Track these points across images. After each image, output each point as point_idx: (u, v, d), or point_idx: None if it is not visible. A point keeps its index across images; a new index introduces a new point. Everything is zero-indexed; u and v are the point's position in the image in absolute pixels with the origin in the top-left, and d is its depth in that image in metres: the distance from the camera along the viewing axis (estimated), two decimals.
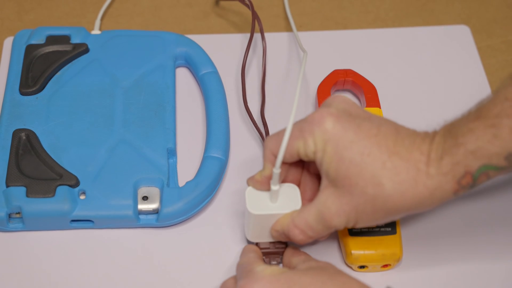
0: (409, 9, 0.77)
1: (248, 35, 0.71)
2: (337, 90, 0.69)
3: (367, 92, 0.66)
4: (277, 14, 0.76)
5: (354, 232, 0.58)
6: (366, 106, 0.66)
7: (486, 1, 0.79)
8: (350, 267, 0.59)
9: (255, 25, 0.70)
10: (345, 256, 0.58)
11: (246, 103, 0.67)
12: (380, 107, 0.65)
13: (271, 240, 0.57)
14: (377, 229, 0.58)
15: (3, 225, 0.59)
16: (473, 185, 0.50)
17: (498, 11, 0.78)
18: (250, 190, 0.55)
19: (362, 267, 0.58)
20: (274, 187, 0.54)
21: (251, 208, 0.54)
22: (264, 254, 0.57)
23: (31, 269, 0.58)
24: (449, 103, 0.69)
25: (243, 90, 0.67)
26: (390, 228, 0.58)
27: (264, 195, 0.55)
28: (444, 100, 0.70)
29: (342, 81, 0.68)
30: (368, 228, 0.58)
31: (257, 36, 0.73)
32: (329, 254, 0.60)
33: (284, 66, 0.71)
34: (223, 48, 0.72)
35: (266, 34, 0.72)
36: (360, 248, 0.57)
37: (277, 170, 0.52)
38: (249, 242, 0.59)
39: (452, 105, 0.69)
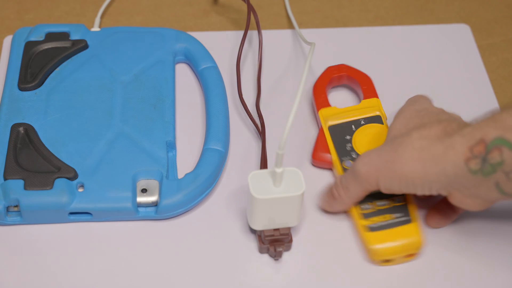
0: (409, 8, 0.78)
1: (247, 31, 0.71)
2: (334, 87, 0.69)
3: (363, 84, 0.66)
4: (277, 12, 0.76)
5: (372, 227, 0.58)
6: (364, 98, 0.65)
7: (486, 0, 0.79)
8: (375, 263, 0.58)
9: (250, 18, 0.70)
10: (368, 252, 0.58)
11: (241, 95, 0.67)
12: (377, 97, 0.65)
13: (276, 227, 0.56)
14: (393, 221, 0.58)
15: (1, 219, 0.59)
16: (484, 159, 0.50)
17: (498, 10, 0.78)
18: (253, 176, 0.55)
19: (386, 261, 0.58)
20: (278, 169, 0.53)
21: (255, 193, 0.54)
22: (270, 242, 0.57)
23: (30, 262, 0.57)
24: (450, 101, 0.69)
25: (238, 82, 0.67)
26: (406, 217, 0.58)
27: (267, 180, 0.55)
28: (446, 97, 0.69)
29: (337, 77, 0.67)
30: (383, 220, 0.58)
31: (259, 31, 0.73)
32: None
33: (283, 61, 0.71)
34: (221, 44, 0.72)
35: (266, 32, 0.73)
36: (380, 242, 0.57)
37: (281, 151, 0.52)
38: (253, 231, 0.59)
39: (453, 102, 0.69)
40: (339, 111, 0.64)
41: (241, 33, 0.73)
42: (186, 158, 0.63)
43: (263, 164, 0.61)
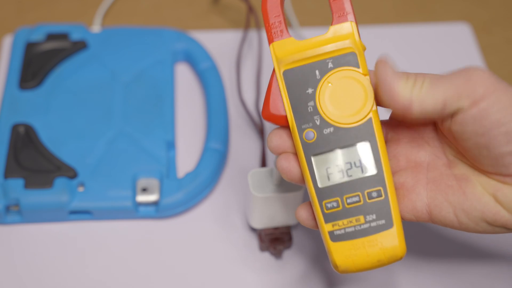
0: (410, 7, 0.78)
1: (247, 30, 0.72)
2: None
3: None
4: None
5: (336, 235, 0.45)
6: (333, 23, 0.46)
7: None
8: None
9: (250, 18, 0.70)
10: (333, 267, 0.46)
11: (241, 95, 0.67)
12: (354, 20, 0.46)
13: (276, 225, 0.56)
14: (365, 227, 0.45)
15: (1, 218, 0.59)
16: None
17: (498, 9, 0.78)
18: (252, 174, 0.55)
19: None
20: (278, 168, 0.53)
21: (255, 191, 0.54)
22: (270, 240, 0.57)
23: (30, 262, 0.57)
24: None
25: (237, 81, 0.68)
26: (382, 220, 0.45)
27: (267, 177, 0.55)
28: None
29: None
30: (350, 225, 0.45)
31: (258, 31, 0.73)
32: None
33: None
34: (221, 44, 0.72)
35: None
36: (345, 258, 0.45)
37: None
38: (253, 230, 0.59)
39: None
40: (298, 46, 0.46)
41: (240, 32, 0.73)
42: (187, 157, 0.63)
43: (263, 163, 0.62)
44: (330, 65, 0.46)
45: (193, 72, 0.70)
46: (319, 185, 0.46)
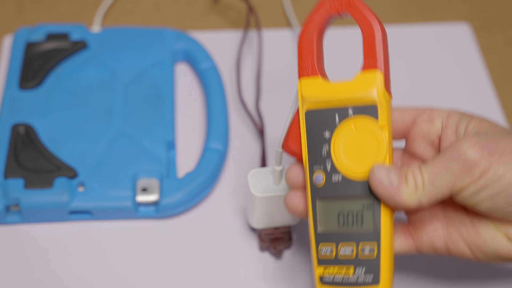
0: (409, 7, 0.78)
1: (247, 30, 0.72)
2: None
3: (365, 42, 0.47)
4: (277, 12, 0.76)
5: (324, 280, 0.46)
6: (363, 69, 0.46)
7: None
8: None
9: (250, 18, 0.70)
10: None
11: (241, 95, 0.67)
12: (381, 69, 0.46)
13: (276, 225, 0.56)
14: (352, 279, 0.45)
15: (1, 218, 0.59)
16: None
17: (498, 9, 0.78)
18: (252, 174, 0.55)
19: None
20: (278, 167, 0.53)
21: (255, 191, 0.54)
22: (270, 240, 0.57)
23: (30, 262, 0.57)
24: (450, 101, 0.69)
25: (237, 82, 0.68)
26: (370, 274, 0.45)
27: (267, 177, 0.55)
28: (446, 97, 0.69)
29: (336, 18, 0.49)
30: (339, 275, 0.46)
31: (258, 31, 0.73)
32: None
33: (283, 61, 0.71)
34: (221, 44, 0.72)
35: (266, 32, 0.73)
36: None
37: (280, 149, 0.52)
38: (253, 230, 0.59)
39: (453, 102, 0.69)
40: (324, 88, 0.46)
41: (241, 32, 0.73)
42: (187, 157, 0.63)
43: (263, 163, 0.62)
44: (350, 111, 0.46)
45: (193, 72, 0.70)
46: (318, 229, 0.47)
